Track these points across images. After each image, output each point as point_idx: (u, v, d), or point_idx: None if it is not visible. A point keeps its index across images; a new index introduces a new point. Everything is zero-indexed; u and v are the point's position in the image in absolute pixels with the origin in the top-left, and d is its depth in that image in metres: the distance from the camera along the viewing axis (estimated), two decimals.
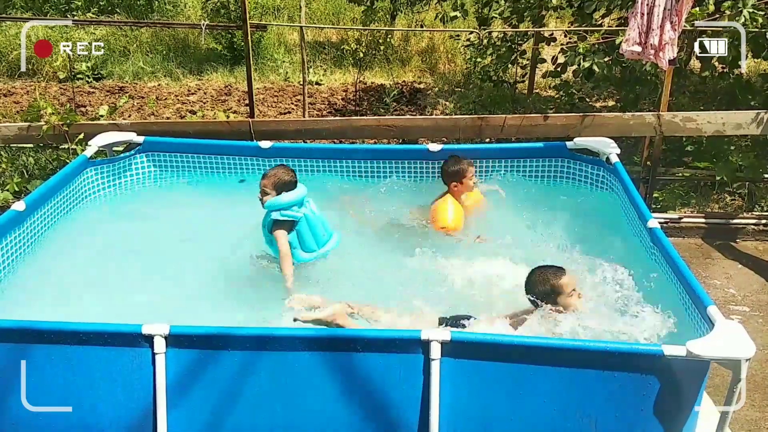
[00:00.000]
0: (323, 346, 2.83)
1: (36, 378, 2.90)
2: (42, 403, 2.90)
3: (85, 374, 2.89)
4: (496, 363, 2.80)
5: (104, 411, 2.89)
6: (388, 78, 8.79)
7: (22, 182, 5.77)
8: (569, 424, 2.79)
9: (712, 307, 2.91)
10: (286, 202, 4.04)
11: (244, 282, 4.04)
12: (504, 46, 7.19)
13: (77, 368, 2.89)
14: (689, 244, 5.40)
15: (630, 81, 6.68)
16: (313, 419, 2.87)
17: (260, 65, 9.04)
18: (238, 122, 5.67)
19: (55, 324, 2.90)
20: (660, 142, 5.50)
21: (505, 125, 5.45)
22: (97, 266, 4.15)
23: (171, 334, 2.83)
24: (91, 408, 2.90)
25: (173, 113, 7.72)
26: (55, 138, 5.63)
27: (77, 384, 2.90)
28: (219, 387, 2.87)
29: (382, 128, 5.58)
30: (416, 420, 2.82)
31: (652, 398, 2.75)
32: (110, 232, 4.55)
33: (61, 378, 2.89)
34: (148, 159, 5.11)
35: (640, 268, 3.77)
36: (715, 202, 5.97)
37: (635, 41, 4.82)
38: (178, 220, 4.72)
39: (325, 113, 7.68)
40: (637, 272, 3.83)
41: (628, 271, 3.90)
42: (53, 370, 2.89)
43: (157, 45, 9.40)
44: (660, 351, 2.68)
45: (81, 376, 2.89)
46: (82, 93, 8.22)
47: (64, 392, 2.90)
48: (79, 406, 2.90)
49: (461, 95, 8.11)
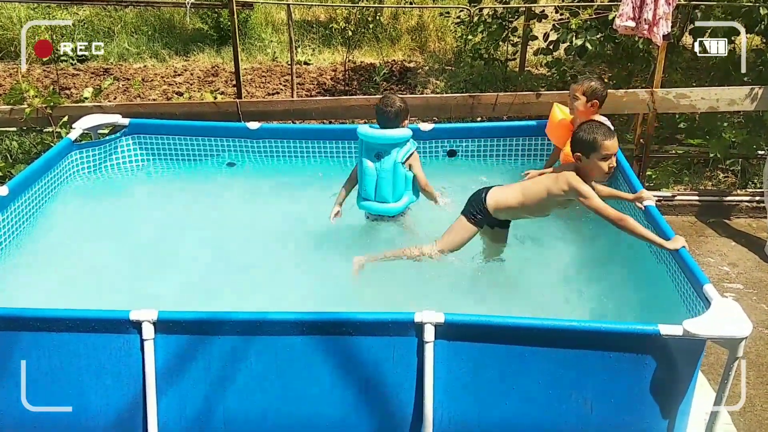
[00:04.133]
0: (315, 330, 2.79)
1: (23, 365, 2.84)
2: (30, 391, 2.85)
3: (73, 361, 2.85)
4: (491, 345, 2.77)
5: (93, 398, 2.85)
6: (377, 57, 8.68)
7: (5, 167, 5.66)
8: (565, 406, 2.78)
9: (708, 286, 2.88)
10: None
11: (233, 266, 3.99)
12: (495, 23, 7.09)
13: (65, 355, 2.84)
14: (682, 221, 5.38)
15: (622, 58, 6.61)
16: (306, 404, 2.84)
17: (247, 45, 8.90)
18: (225, 103, 5.57)
19: (41, 311, 2.85)
20: (653, 119, 5.45)
21: (497, 103, 5.39)
22: (82, 251, 4.09)
23: (159, 319, 2.79)
24: (80, 395, 2.86)
25: (159, 95, 7.60)
26: (39, 121, 5.52)
27: (65, 371, 2.85)
28: (210, 373, 2.84)
29: (372, 107, 5.49)
30: (411, 403, 2.80)
31: (648, 378, 2.74)
32: (96, 215, 4.47)
33: (48, 365, 2.84)
34: (134, 141, 5.03)
35: (634, 246, 3.74)
36: (708, 179, 5.94)
37: (629, 16, 4.75)
38: (164, 203, 4.65)
39: (314, 93, 7.58)
40: (630, 250, 3.81)
41: (621, 248, 3.89)
42: (40, 357, 2.84)
43: (142, 25, 9.23)
44: (656, 330, 2.65)
45: (69, 364, 2.85)
46: (66, 75, 8.06)
47: (51, 380, 2.85)
48: (67, 393, 2.86)
49: (452, 74, 8.02)
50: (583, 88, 4.15)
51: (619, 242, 3.83)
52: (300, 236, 4.25)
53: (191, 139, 5.00)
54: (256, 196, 4.71)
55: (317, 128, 5.33)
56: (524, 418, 2.80)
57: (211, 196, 4.71)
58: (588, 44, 5.74)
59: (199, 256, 4.07)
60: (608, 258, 3.91)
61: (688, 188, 5.75)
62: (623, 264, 3.81)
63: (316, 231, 4.28)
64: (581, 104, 4.16)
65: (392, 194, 3.96)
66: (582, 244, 4.10)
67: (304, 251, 4.11)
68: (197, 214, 4.51)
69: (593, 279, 3.78)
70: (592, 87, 4.14)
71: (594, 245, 4.06)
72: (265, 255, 4.07)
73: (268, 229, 4.32)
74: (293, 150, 4.97)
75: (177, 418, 2.85)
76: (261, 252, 4.10)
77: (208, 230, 4.32)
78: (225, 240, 4.23)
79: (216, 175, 4.97)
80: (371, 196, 4.00)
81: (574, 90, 4.20)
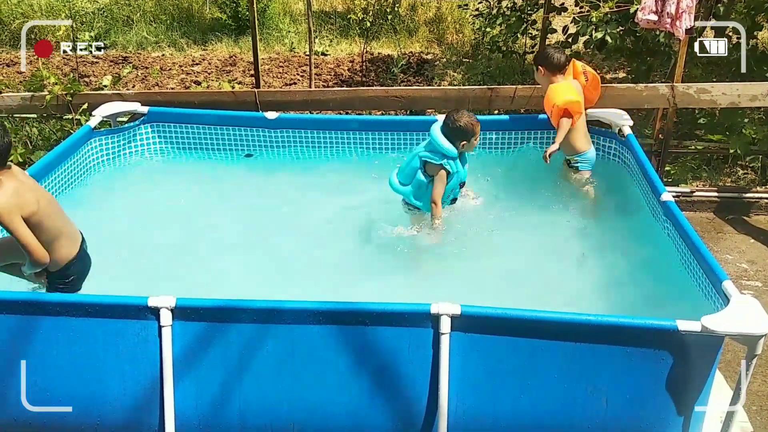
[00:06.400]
0: (332, 319, 2.79)
1: (43, 350, 2.88)
2: (49, 375, 2.88)
3: (91, 347, 2.87)
4: (507, 337, 2.76)
5: (111, 384, 2.88)
6: (395, 48, 8.65)
7: (26, 153, 5.71)
8: (580, 400, 2.77)
9: (727, 282, 2.86)
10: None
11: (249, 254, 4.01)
12: (513, 15, 7.04)
13: (84, 341, 2.87)
14: (701, 218, 5.33)
15: (642, 52, 6.54)
16: (321, 393, 2.85)
17: (265, 35, 8.91)
18: (243, 93, 5.58)
19: (60, 296, 2.90)
20: (673, 114, 5.40)
21: (515, 96, 5.35)
22: (101, 237, 4.11)
23: (177, 306, 2.80)
24: (98, 380, 2.88)
25: (177, 84, 7.63)
26: (59, 108, 5.57)
27: (84, 356, 2.88)
28: (226, 360, 2.85)
29: (389, 99, 5.49)
30: (425, 394, 2.80)
31: (665, 374, 2.73)
32: (114, 202, 4.51)
33: (68, 351, 2.87)
34: (153, 129, 5.05)
35: (653, 241, 3.73)
36: (727, 175, 5.88)
37: (651, 9, 4.70)
38: (182, 190, 4.68)
39: (332, 84, 7.57)
40: (648, 246, 3.79)
41: (639, 244, 3.87)
42: (60, 342, 2.87)
43: (160, 14, 9.26)
44: (674, 326, 2.63)
45: (87, 349, 2.87)
46: (85, 63, 8.11)
47: (70, 365, 2.88)
48: (85, 378, 2.89)
49: (469, 66, 7.98)
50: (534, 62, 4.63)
51: (637, 236, 3.81)
52: (315, 225, 4.26)
53: (210, 128, 5.02)
54: (271, 185, 4.73)
55: (335, 119, 5.33)
56: (539, 411, 2.79)
57: (229, 185, 4.74)
58: (608, 37, 5.69)
59: (215, 243, 4.10)
60: (624, 252, 3.89)
61: (706, 184, 5.70)
62: (640, 258, 3.79)
63: (332, 220, 4.29)
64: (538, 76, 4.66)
65: (401, 175, 4.05)
66: (598, 236, 4.08)
67: (319, 240, 4.12)
68: (215, 201, 4.54)
69: (608, 272, 3.77)
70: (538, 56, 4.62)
71: (610, 238, 4.04)
72: (281, 244, 4.09)
73: (284, 218, 4.34)
74: (311, 139, 4.97)
75: (193, 404, 2.87)
76: (276, 241, 4.12)
77: (226, 218, 4.34)
78: (241, 228, 4.25)
79: (233, 164, 4.99)
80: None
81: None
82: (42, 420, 2.91)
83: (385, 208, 4.33)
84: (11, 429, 2.94)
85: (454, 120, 3.85)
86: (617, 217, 4.18)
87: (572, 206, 4.33)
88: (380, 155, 4.93)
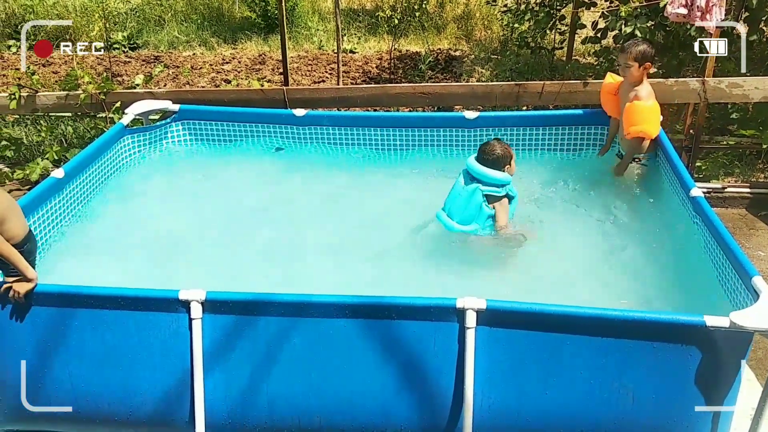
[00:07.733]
0: (359, 313, 2.83)
1: (77, 342, 2.96)
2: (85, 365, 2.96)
3: (123, 339, 2.94)
4: (532, 332, 2.77)
5: (143, 375, 2.94)
6: (423, 45, 8.66)
7: (61, 150, 5.85)
8: (606, 396, 2.76)
9: (758, 278, 2.82)
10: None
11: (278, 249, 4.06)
12: (542, 11, 7.01)
13: (116, 333, 2.94)
14: (732, 214, 5.26)
15: (673, 46, 6.45)
16: (348, 386, 2.87)
17: (294, 34, 8.99)
18: (272, 90, 5.65)
19: (94, 289, 2.95)
20: (704, 109, 5.32)
21: (543, 92, 5.33)
22: (134, 231, 4.21)
23: (207, 299, 2.86)
24: (130, 372, 2.95)
25: (208, 82, 7.74)
26: (93, 107, 5.69)
27: (116, 348, 2.95)
28: (255, 353, 2.90)
29: (417, 95, 5.50)
30: (451, 388, 2.81)
31: (693, 370, 2.70)
32: (147, 198, 4.60)
33: (101, 342, 2.94)
34: (184, 127, 5.14)
35: (683, 236, 3.69)
36: (760, 171, 5.78)
37: (681, 3, 4.65)
38: (213, 187, 4.75)
39: (359, 81, 7.61)
40: (678, 241, 3.75)
41: (669, 239, 3.83)
42: (93, 334, 2.95)
43: (191, 14, 9.41)
44: (702, 322, 2.62)
45: (120, 341, 2.94)
46: (118, 62, 8.27)
47: (103, 356, 2.95)
48: (118, 369, 2.95)
49: (498, 63, 7.96)
50: (633, 55, 4.23)
51: (665, 231, 3.78)
52: (339, 219, 4.30)
53: (239, 125, 5.10)
54: (299, 181, 4.78)
55: (363, 115, 5.36)
56: (565, 406, 2.79)
57: (258, 181, 4.79)
58: (638, 32, 5.62)
59: (245, 238, 4.15)
60: (651, 247, 3.86)
61: (739, 180, 5.61)
62: (668, 253, 3.76)
63: (357, 214, 4.32)
64: (635, 70, 4.26)
65: (459, 215, 3.99)
66: (625, 231, 4.05)
67: (343, 234, 4.16)
68: (244, 197, 4.59)
69: (635, 267, 3.74)
70: (640, 51, 4.23)
71: (637, 233, 4.01)
72: (308, 238, 4.12)
73: (311, 212, 4.39)
74: (339, 137, 5.01)
75: (223, 397, 2.92)
76: (305, 235, 4.16)
77: (256, 212, 4.40)
78: (269, 222, 4.30)
79: (263, 159, 5.04)
80: (445, 208, 4.07)
81: (625, 59, 4.27)
82: (78, 408, 2.99)
83: (411, 206, 4.38)
84: (49, 416, 3.02)
85: (491, 151, 3.93)
86: (646, 213, 4.15)
87: (599, 201, 4.30)
88: (410, 153, 4.95)
